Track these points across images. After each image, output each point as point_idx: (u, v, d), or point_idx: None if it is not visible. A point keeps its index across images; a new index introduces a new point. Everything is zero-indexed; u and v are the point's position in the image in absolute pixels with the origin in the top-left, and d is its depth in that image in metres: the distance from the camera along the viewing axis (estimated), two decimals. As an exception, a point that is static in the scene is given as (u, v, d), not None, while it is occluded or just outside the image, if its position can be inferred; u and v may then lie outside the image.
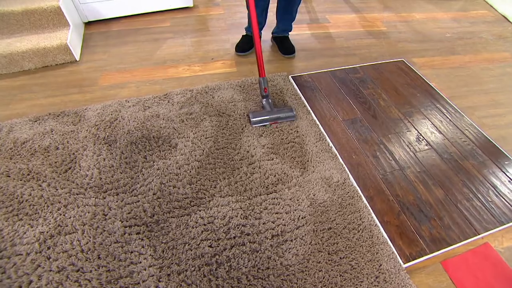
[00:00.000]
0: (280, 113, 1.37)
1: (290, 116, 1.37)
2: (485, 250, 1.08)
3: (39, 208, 1.08)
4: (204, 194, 1.11)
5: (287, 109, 1.39)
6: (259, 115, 1.36)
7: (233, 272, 0.93)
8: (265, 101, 1.40)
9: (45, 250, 0.98)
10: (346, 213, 1.09)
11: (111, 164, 1.20)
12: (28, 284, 0.91)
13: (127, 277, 0.92)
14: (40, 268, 0.94)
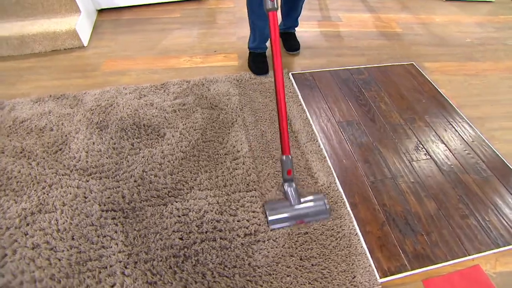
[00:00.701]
0: (308, 208, 1.03)
1: (322, 212, 1.03)
2: (474, 273, 1.00)
3: (25, 185, 1.11)
4: (183, 186, 1.10)
5: (317, 201, 1.05)
6: (278, 211, 1.02)
7: (199, 267, 0.92)
8: (287, 187, 1.05)
9: (24, 227, 1.00)
10: (332, 224, 1.05)
11: (99, 148, 1.22)
12: (2, 257, 0.93)
13: (96, 261, 0.93)
14: (16, 243, 0.96)
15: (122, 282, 0.89)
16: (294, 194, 1.04)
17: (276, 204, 1.05)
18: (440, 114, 1.44)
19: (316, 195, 1.07)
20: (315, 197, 1.06)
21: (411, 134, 1.34)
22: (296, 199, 1.03)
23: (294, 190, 1.04)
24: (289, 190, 1.04)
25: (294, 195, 1.04)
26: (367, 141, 1.30)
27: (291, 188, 1.05)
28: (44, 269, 0.91)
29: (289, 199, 1.04)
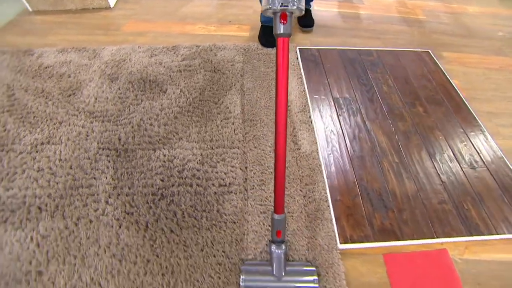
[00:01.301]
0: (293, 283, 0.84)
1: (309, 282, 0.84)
2: (439, 256, 1.00)
3: (40, 120, 1.26)
4: (174, 136, 1.19)
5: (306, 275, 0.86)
6: (256, 278, 0.85)
7: (173, 206, 1.01)
8: (274, 249, 0.86)
9: (33, 153, 1.15)
10: (301, 183, 1.09)
11: (107, 96, 1.34)
12: (13, 174, 1.08)
13: (86, 188, 1.05)
14: (25, 165, 1.11)
15: (104, 208, 1.00)
16: (281, 262, 0.84)
17: (256, 267, 0.87)
18: (443, 102, 1.40)
19: (306, 267, 0.88)
20: (304, 269, 0.87)
21: (407, 117, 1.32)
22: (282, 270, 0.84)
23: (281, 257, 0.85)
24: (276, 255, 0.85)
25: (280, 264, 0.84)
26: (359, 118, 1.31)
27: (278, 253, 0.85)
28: (44, 188, 1.05)
29: (273, 266, 0.85)
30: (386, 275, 0.95)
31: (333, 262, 0.93)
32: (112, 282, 0.87)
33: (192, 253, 0.92)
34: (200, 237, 0.96)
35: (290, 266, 0.88)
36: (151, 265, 0.90)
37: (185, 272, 0.89)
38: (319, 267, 0.92)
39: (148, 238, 0.95)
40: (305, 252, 0.94)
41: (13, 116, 1.27)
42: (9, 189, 1.04)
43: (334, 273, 0.91)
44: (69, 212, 1.00)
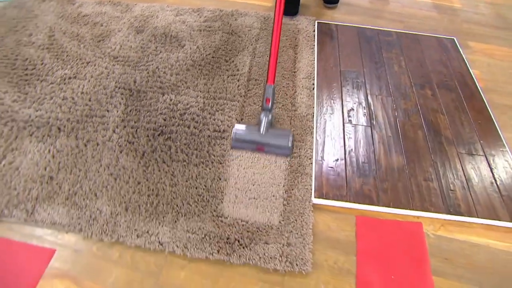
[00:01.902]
0: (273, 138, 1.07)
1: (283, 147, 1.07)
2: (412, 227, 1.02)
3: (71, 58, 1.42)
4: (182, 85, 1.30)
5: (283, 136, 1.08)
6: (244, 132, 1.10)
7: (169, 142, 1.12)
8: (263, 115, 1.07)
9: (61, 84, 1.31)
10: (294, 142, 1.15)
11: (131, 45, 1.47)
12: (43, 99, 1.25)
13: (99, 117, 1.19)
14: (53, 93, 1.27)
15: (110, 135, 1.14)
16: (265, 123, 1.06)
17: (245, 127, 1.11)
18: (455, 89, 1.37)
19: (285, 131, 1.12)
20: (283, 132, 1.11)
21: (412, 97, 1.32)
22: (265, 128, 1.05)
23: (266, 120, 1.06)
24: (263, 118, 1.06)
25: (264, 124, 1.06)
26: (362, 92, 1.32)
27: (265, 117, 1.07)
28: (65, 113, 1.20)
29: (259, 126, 1.06)
30: (354, 235, 1.00)
31: (304, 212, 0.99)
32: (105, 195, 1.00)
33: (177, 183, 1.03)
34: (187, 170, 1.06)
35: (272, 129, 1.10)
36: (140, 187, 1.02)
37: (168, 196, 1.00)
38: (290, 214, 0.98)
39: (142, 165, 1.07)
40: (280, 199, 1.00)
41: (50, 53, 1.44)
42: (38, 110, 1.21)
43: (302, 222, 0.97)
44: (82, 135, 1.15)
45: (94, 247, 0.94)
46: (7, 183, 1.03)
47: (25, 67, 1.36)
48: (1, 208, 0.98)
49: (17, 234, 0.97)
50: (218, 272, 0.91)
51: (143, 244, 0.92)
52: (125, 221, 0.95)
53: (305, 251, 0.92)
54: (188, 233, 0.93)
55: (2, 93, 1.25)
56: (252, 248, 0.91)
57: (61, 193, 1.01)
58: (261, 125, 1.06)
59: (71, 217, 0.97)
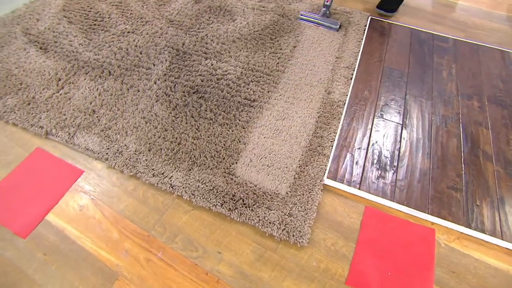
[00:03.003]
0: (326, 21, 1.53)
1: (333, 27, 1.52)
2: (424, 232, 0.97)
3: (133, 16, 1.55)
4: (225, 53, 1.36)
5: (334, 22, 1.52)
6: (308, 15, 1.56)
7: (201, 100, 1.19)
8: (323, 9, 1.55)
9: (120, 37, 1.44)
10: (317, 120, 1.15)
11: (187, 12, 1.57)
12: (103, 46, 1.39)
13: (145, 69, 1.30)
14: (112, 43, 1.41)
15: (151, 86, 1.23)
16: (323, 12, 1.55)
17: (309, 12, 1.59)
18: (509, 107, 1.26)
19: (336, 20, 1.56)
20: (334, 19, 1.56)
21: (454, 105, 1.24)
22: (323, 15, 1.55)
23: (324, 11, 1.55)
24: (322, 10, 1.55)
25: (323, 13, 1.55)
26: (401, 91, 1.28)
27: (326, 10, 1.55)
28: (117, 60, 1.32)
29: (320, 12, 1.57)
30: (359, 224, 0.98)
31: (312, 189, 0.99)
32: (135, 134, 1.09)
33: (200, 136, 1.09)
34: (211, 128, 1.11)
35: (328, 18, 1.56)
36: (166, 133, 1.10)
37: (188, 147, 1.06)
38: (298, 187, 0.99)
39: (173, 115, 1.14)
40: (292, 172, 1.02)
41: (117, 10, 1.59)
42: (96, 54, 1.35)
43: (308, 198, 0.98)
44: (127, 81, 1.26)
45: (114, 177, 1.04)
46: (60, 109, 1.17)
47: (95, 18, 1.52)
48: (51, 127, 1.12)
49: (58, 151, 1.10)
50: (217, 224, 0.95)
51: (156, 183, 0.99)
52: (146, 160, 1.03)
53: (304, 225, 0.92)
54: (198, 182, 0.98)
55: (73, 36, 1.42)
56: (254, 210, 0.94)
57: (99, 125, 1.12)
58: (320, 13, 1.56)
59: (102, 147, 1.07)
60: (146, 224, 0.94)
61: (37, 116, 1.15)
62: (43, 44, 1.39)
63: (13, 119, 1.15)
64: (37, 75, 1.28)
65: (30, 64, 1.31)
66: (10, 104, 1.19)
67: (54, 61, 1.33)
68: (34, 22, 1.49)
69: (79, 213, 0.97)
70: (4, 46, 1.38)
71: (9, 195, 1.00)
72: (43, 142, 1.12)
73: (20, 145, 1.12)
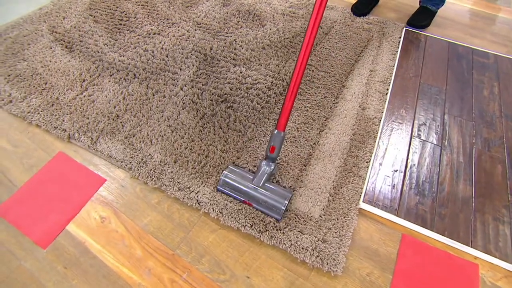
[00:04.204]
0: (265, 196, 0.88)
1: (276, 211, 0.88)
2: (466, 267, 0.90)
3: (160, 17, 1.51)
4: (255, 60, 1.31)
5: (280, 197, 0.88)
6: (235, 177, 0.92)
7: (230, 110, 1.13)
8: (263, 164, 0.90)
9: (146, 38, 1.40)
10: (352, 138, 1.09)
11: (215, 15, 1.52)
12: (128, 47, 1.35)
13: (171, 73, 1.25)
14: (137, 44, 1.37)
15: (177, 92, 1.19)
16: (263, 175, 0.89)
17: (239, 171, 0.93)
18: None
19: (284, 191, 0.90)
20: (281, 191, 0.90)
21: (498, 127, 1.17)
22: (261, 181, 0.88)
23: (266, 171, 0.89)
24: (262, 168, 0.89)
25: (262, 176, 0.89)
26: (439, 109, 1.21)
27: (265, 168, 0.89)
28: (143, 63, 1.28)
29: (256, 176, 0.89)
30: (396, 253, 0.91)
31: (348, 214, 0.93)
32: (160, 143, 1.05)
33: (228, 150, 1.04)
34: (241, 141, 1.06)
35: (270, 184, 0.90)
36: (193, 144, 1.05)
37: (216, 160, 1.01)
38: (332, 211, 0.93)
39: (200, 125, 1.09)
40: (325, 194, 0.96)
41: (144, 10, 1.55)
42: (121, 56, 1.31)
43: (343, 223, 0.92)
44: (152, 85, 1.21)
45: (138, 188, 1.00)
46: (83, 112, 1.13)
47: (121, 18, 1.48)
48: (74, 131, 1.08)
49: (80, 157, 1.06)
50: (245, 245, 0.89)
51: (182, 198, 0.94)
52: (171, 172, 0.99)
53: (339, 253, 0.86)
54: (226, 200, 0.93)
55: (98, 36, 1.38)
56: (285, 233, 0.88)
57: (122, 132, 1.08)
58: (257, 175, 0.89)
59: (125, 155, 1.03)
60: (171, 241, 0.90)
61: (60, 118, 1.12)
62: (69, 43, 1.35)
63: (37, 120, 1.12)
64: (61, 75, 1.24)
65: (55, 64, 1.28)
66: (34, 104, 1.15)
67: (79, 61, 1.29)
68: (60, 20, 1.46)
69: (101, 225, 0.92)
70: (31, 44, 1.35)
71: (31, 201, 0.96)
72: (65, 146, 1.08)
73: (42, 148, 1.08)
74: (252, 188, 0.89)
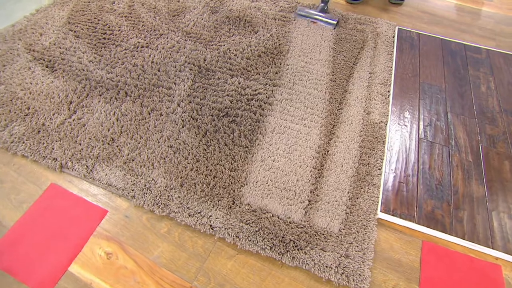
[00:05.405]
0: (323, 17, 1.48)
1: (330, 23, 1.46)
2: (489, 269, 0.90)
3: (146, 28, 1.43)
4: (253, 70, 1.25)
5: (331, 17, 1.48)
6: (304, 10, 1.51)
7: (233, 125, 1.08)
8: (321, 5, 1.52)
9: (134, 52, 1.32)
10: (361, 145, 1.06)
11: (204, 24, 1.46)
12: (116, 63, 1.27)
13: (166, 89, 1.18)
14: (125, 59, 1.29)
15: (175, 108, 1.12)
16: (321, 8, 1.51)
17: (307, 7, 1.55)
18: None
19: (333, 15, 1.51)
20: (332, 15, 1.51)
21: (499, 123, 1.18)
22: (321, 10, 1.50)
23: (322, 7, 1.51)
24: (320, 5, 1.52)
25: (321, 8, 1.51)
26: (442, 108, 1.20)
27: (322, 4, 1.52)
28: (134, 79, 1.20)
29: (318, 7, 1.52)
30: (419, 261, 0.89)
31: (367, 225, 0.90)
32: (163, 166, 0.98)
33: (237, 168, 0.98)
34: (248, 156, 1.01)
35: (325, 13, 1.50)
36: (199, 165, 0.99)
37: (226, 180, 0.96)
38: (352, 224, 0.90)
39: (203, 143, 1.03)
40: (342, 206, 0.92)
41: (127, 22, 1.46)
42: (109, 73, 1.23)
43: (364, 235, 0.89)
44: (147, 103, 1.14)
45: (144, 217, 0.93)
46: (74, 137, 1.04)
47: (104, 31, 1.39)
48: (66, 159, 0.99)
49: (75, 188, 0.97)
50: (266, 269, 0.85)
51: (193, 224, 0.88)
52: (179, 197, 0.92)
53: (363, 267, 0.83)
54: (241, 222, 0.88)
55: (81, 52, 1.29)
56: (307, 252, 0.84)
57: (120, 156, 1.00)
58: (318, 7, 1.52)
59: (126, 182, 0.96)
60: (187, 273, 0.84)
61: (49, 146, 1.03)
62: (50, 62, 1.25)
63: (22, 150, 1.02)
64: (45, 98, 1.14)
65: (36, 85, 1.18)
66: (17, 133, 1.05)
67: (63, 82, 1.20)
68: (37, 36, 1.35)
69: (107, 262, 0.85)
70: (6, 65, 1.24)
71: (25, 243, 0.87)
72: (58, 177, 1.00)
73: (32, 181, 0.99)
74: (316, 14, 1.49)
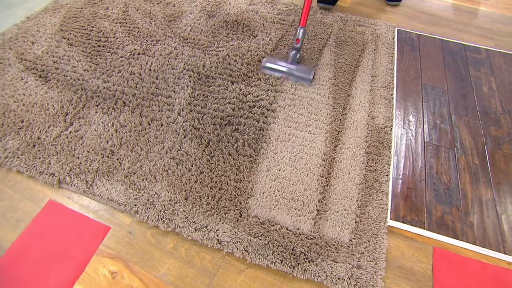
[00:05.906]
0: (297, 70, 1.20)
1: (305, 78, 1.19)
2: (501, 274, 0.89)
3: (142, 35, 1.39)
4: (253, 75, 1.23)
5: (307, 70, 1.20)
6: (273, 61, 1.23)
7: (236, 133, 1.05)
8: (292, 53, 1.21)
9: (130, 59, 1.28)
10: (367, 150, 1.05)
11: (201, 28, 1.43)
12: (112, 71, 1.23)
13: (165, 97, 1.15)
14: (122, 67, 1.25)
15: (175, 118, 1.09)
16: (293, 57, 1.22)
17: (275, 58, 1.26)
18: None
19: (309, 66, 1.27)
20: (307, 67, 1.27)
21: (503, 124, 1.17)
22: (292, 61, 1.22)
23: (294, 55, 1.22)
24: (291, 54, 1.22)
25: (292, 58, 1.22)
26: (445, 110, 1.19)
27: (293, 53, 1.22)
28: (131, 88, 1.17)
29: (287, 58, 1.23)
30: (431, 269, 0.88)
31: (378, 234, 0.89)
32: (166, 179, 0.95)
33: (243, 179, 0.96)
34: (254, 166, 0.98)
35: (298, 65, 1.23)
36: (203, 177, 0.96)
37: (232, 192, 0.93)
38: (362, 233, 0.88)
39: (207, 154, 1.01)
40: (352, 215, 0.91)
41: (122, 28, 1.42)
42: (106, 82, 1.19)
43: (375, 244, 0.87)
44: (146, 112, 1.11)
45: (149, 233, 0.89)
46: (71, 151, 1.00)
47: (99, 39, 1.35)
48: (64, 174, 0.95)
49: (75, 204, 0.94)
50: (278, 283, 0.82)
51: (200, 239, 0.86)
52: (184, 211, 0.89)
53: (376, 277, 0.82)
54: (250, 236, 0.86)
55: (75, 61, 1.25)
56: (318, 264, 0.82)
57: (121, 170, 0.97)
58: (288, 58, 1.23)
59: (128, 196, 0.92)
60: (196, 291, 0.81)
61: (45, 160, 0.99)
62: (43, 72, 1.21)
63: (17, 166, 0.98)
64: (39, 110, 1.10)
65: (30, 97, 1.13)
66: (11, 147, 1.01)
67: (58, 92, 1.16)
68: (29, 45, 1.30)
69: (112, 282, 0.82)
70: (-3, 77, 1.19)
71: (23, 265, 0.83)
72: (56, 193, 0.96)
73: (28, 198, 0.95)
74: (286, 67, 1.21)
